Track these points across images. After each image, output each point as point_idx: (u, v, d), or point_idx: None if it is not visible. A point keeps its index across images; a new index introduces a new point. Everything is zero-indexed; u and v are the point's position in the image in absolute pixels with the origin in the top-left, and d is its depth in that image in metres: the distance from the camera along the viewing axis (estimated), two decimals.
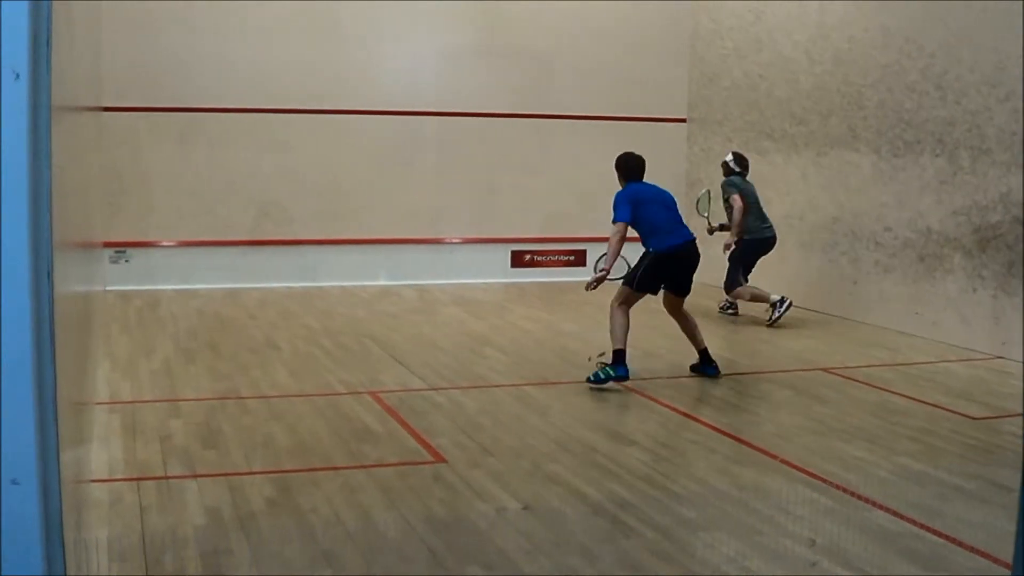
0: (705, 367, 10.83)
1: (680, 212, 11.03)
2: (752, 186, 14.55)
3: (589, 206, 17.58)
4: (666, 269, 10.62)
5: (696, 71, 18.32)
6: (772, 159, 16.18)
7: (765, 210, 14.55)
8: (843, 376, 11.08)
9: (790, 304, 14.08)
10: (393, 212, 16.97)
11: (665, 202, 10.91)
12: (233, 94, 16.20)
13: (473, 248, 17.65)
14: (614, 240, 10.59)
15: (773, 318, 14.02)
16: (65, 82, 4.29)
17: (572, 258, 17.91)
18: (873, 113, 14.20)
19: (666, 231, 10.67)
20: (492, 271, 17.65)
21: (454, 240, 17.56)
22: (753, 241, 14.24)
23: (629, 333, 10.41)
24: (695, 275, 10.83)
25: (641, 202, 10.77)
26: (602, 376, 10.24)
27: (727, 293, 14.60)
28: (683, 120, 18.41)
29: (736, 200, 14.11)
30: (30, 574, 3.17)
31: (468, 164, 17.45)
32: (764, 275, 15.07)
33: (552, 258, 17.94)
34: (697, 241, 10.88)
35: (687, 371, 10.77)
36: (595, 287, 10.66)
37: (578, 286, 16.08)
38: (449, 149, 17.39)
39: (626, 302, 10.54)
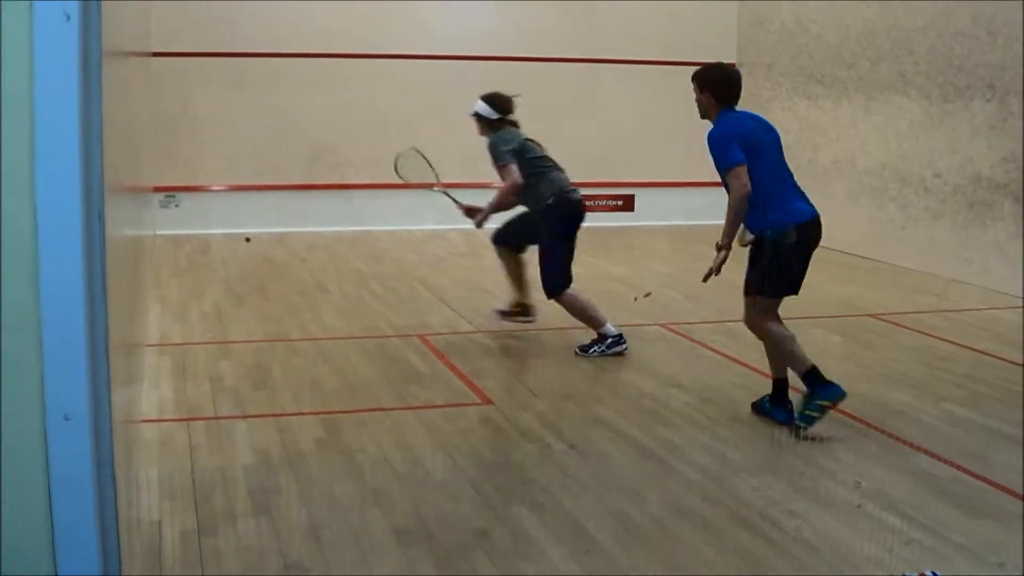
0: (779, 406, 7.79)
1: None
2: (529, 140, 10.49)
3: (637, 151, 17.58)
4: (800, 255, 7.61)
5: (745, 14, 18.21)
6: (822, 104, 16.10)
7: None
8: (890, 322, 11.06)
9: (623, 346, 9.63)
10: (441, 156, 16.90)
11: (778, 144, 7.93)
12: (283, 38, 16.22)
13: None
14: (740, 195, 7.39)
15: (594, 350, 9.59)
16: (114, 26, 4.32)
17: (620, 203, 17.89)
18: (924, 58, 14.09)
19: (791, 195, 7.72)
20: None
21: (502, 185, 17.52)
22: (569, 203, 10.08)
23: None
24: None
25: (752, 144, 7.59)
26: (813, 416, 7.44)
27: (553, 295, 9.84)
28: (732, 65, 18.29)
29: (510, 172, 10.07)
30: (81, 509, 3.22)
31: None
32: None
33: (599, 203, 17.90)
34: None
35: (733, 316, 10.69)
36: (716, 274, 7.65)
37: (626, 231, 16.16)
38: None
39: (770, 313, 7.77)
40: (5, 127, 3.01)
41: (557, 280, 9.71)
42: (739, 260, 7.64)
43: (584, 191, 17.65)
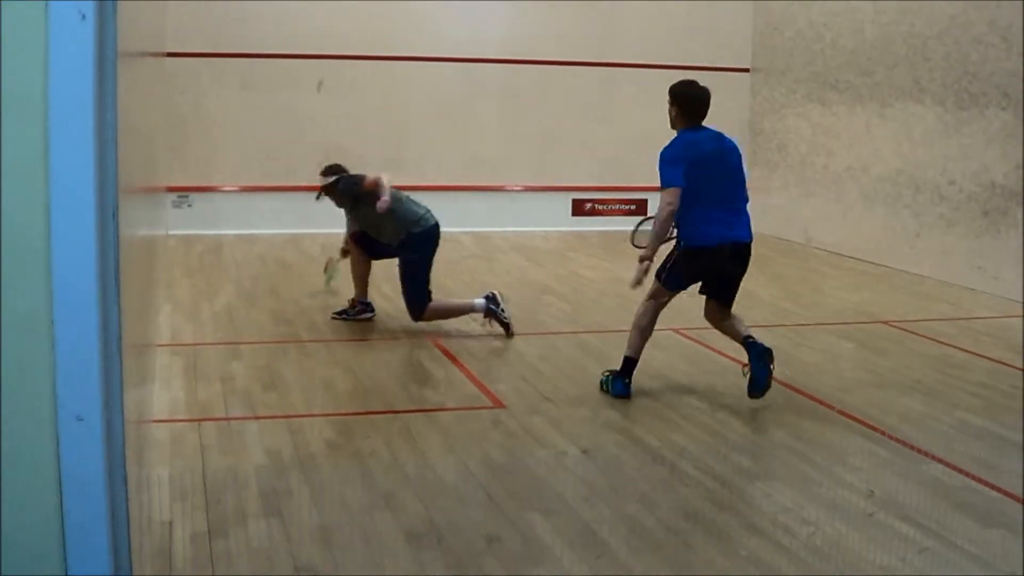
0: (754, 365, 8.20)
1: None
2: None
3: (651, 156, 17.51)
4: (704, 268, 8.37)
5: (760, 20, 18.16)
6: (836, 110, 16.07)
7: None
8: (904, 329, 11.02)
9: (501, 306, 10.48)
10: (455, 159, 16.97)
11: (731, 168, 8.51)
12: (296, 40, 16.23)
13: (534, 196, 17.64)
14: (666, 213, 8.12)
15: (504, 320, 10.43)
16: (130, 25, 4.31)
17: (633, 207, 17.86)
18: (939, 65, 14.05)
19: (715, 218, 8.25)
20: (553, 219, 17.63)
21: (515, 188, 17.55)
22: (422, 234, 10.53)
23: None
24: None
25: (700, 165, 8.23)
26: (606, 385, 8.54)
27: (419, 319, 10.42)
28: (746, 70, 18.25)
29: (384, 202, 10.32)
30: (93, 510, 3.21)
31: (530, 112, 17.42)
32: (826, 228, 15.06)
33: (613, 207, 17.90)
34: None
35: (747, 322, 10.64)
36: (639, 283, 8.26)
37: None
38: (511, 97, 17.36)
39: (657, 298, 8.50)
40: (20, 126, 3.01)
41: (419, 306, 10.37)
42: (758, 269, 7.68)
43: (597, 195, 17.86)
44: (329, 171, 11.05)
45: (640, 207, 17.83)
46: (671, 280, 8.35)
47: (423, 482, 6.54)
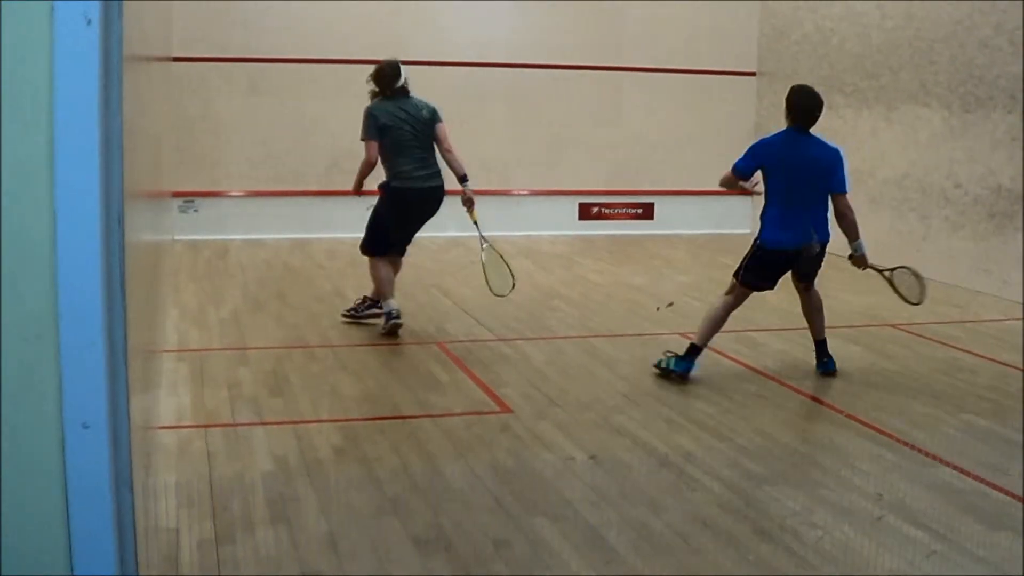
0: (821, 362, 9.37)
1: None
2: (402, 117, 10.77)
3: (657, 159, 17.56)
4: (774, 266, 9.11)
5: (766, 24, 18.14)
6: (842, 114, 16.04)
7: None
8: (911, 333, 11.00)
9: (398, 322, 10.30)
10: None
11: (811, 174, 9.12)
12: (303, 44, 16.23)
13: (541, 200, 17.62)
14: (723, 178, 9.19)
15: (384, 327, 10.36)
16: (135, 29, 4.30)
17: (640, 211, 17.85)
18: (945, 68, 14.03)
19: (787, 222, 8.93)
20: (560, 223, 17.62)
21: (522, 192, 17.53)
22: (396, 190, 10.71)
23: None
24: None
25: (772, 166, 9.04)
26: (669, 366, 8.97)
27: (365, 254, 10.78)
28: (752, 74, 18.23)
29: (365, 148, 10.74)
30: (99, 517, 3.20)
31: (537, 116, 17.40)
32: (832, 231, 15.02)
33: (620, 211, 17.89)
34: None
35: (756, 325, 10.66)
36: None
37: (645, 240, 16.12)
38: (518, 101, 17.34)
39: (733, 293, 9.12)
40: (24, 130, 2.99)
41: (366, 244, 10.69)
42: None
43: (604, 199, 17.84)
44: (375, 76, 10.84)
45: (647, 211, 17.84)
46: (748, 278, 8.99)
47: (430, 487, 6.53)
